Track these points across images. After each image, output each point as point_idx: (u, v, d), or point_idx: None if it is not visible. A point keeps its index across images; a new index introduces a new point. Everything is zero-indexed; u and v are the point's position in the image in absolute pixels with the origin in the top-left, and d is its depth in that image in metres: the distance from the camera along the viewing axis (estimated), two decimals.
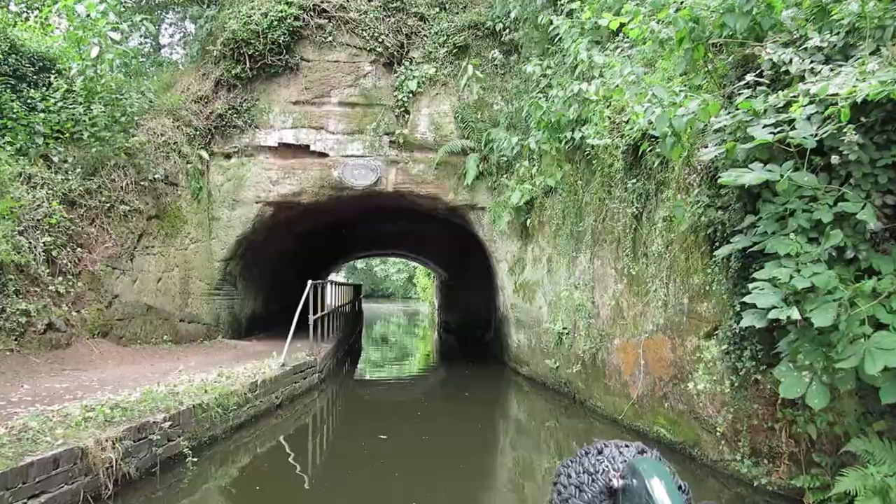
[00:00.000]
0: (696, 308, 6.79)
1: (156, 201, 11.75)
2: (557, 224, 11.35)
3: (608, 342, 9.15)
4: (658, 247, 7.65)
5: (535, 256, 12.57)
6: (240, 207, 13.66)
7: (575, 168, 10.68)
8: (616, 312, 8.91)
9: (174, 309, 12.07)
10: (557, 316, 11.24)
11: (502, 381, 14.51)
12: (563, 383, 11.16)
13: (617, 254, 8.99)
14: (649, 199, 8.01)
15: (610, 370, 9.10)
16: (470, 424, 9.74)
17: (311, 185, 13.77)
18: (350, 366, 17.64)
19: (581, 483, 1.02)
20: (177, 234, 12.24)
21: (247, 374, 9.42)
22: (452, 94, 14.07)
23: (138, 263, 11.19)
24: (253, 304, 15.90)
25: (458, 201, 14.07)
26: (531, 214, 12.53)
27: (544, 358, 11.94)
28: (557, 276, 11.44)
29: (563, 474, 1.05)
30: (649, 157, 7.78)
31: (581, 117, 9.89)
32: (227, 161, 13.74)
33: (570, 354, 10.69)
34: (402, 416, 10.32)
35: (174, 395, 7.42)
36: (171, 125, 12.70)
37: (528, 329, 13.01)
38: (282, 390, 10.06)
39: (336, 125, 13.86)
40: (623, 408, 8.69)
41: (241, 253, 14.05)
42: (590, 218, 9.96)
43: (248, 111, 13.65)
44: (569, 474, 1.04)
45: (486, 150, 13.66)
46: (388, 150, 13.93)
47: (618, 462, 1.02)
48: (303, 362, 11.25)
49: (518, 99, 13.31)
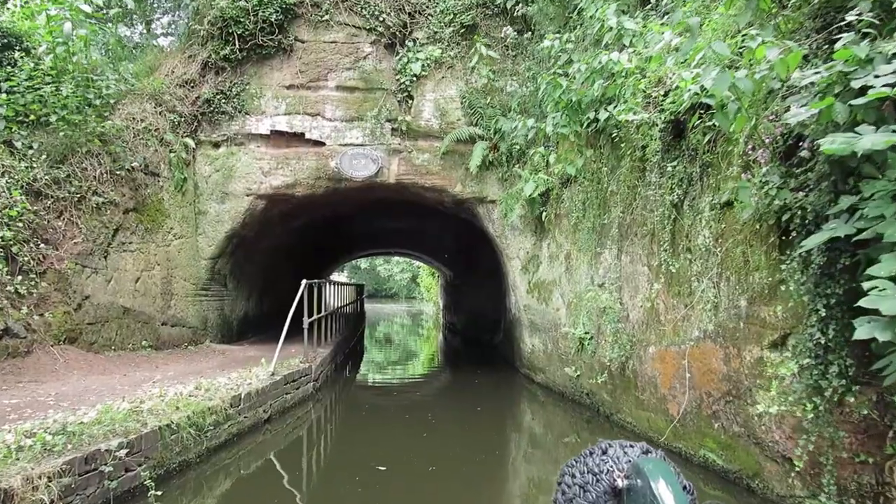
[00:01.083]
0: (758, 312, 5.66)
1: (134, 193, 10.65)
2: (577, 217, 10.23)
3: (640, 350, 8.02)
4: (705, 239, 6.53)
5: (552, 253, 11.45)
6: (229, 200, 12.56)
7: (598, 154, 9.55)
8: (650, 316, 7.78)
9: (155, 311, 10.98)
10: (578, 319, 10.12)
11: (514, 389, 13.38)
12: (584, 394, 10.04)
13: (650, 249, 7.86)
14: (692, 184, 6.88)
15: (643, 382, 7.98)
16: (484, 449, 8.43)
17: (307, 176, 12.67)
18: (351, 369, 16.54)
19: (585, 483, 1.00)
20: (158, 229, 11.14)
21: (230, 385, 8.32)
22: (459, 77, 12.95)
23: (113, 261, 10.09)
24: (245, 304, 14.80)
25: (465, 193, 12.96)
26: (547, 207, 11.42)
27: (563, 365, 10.81)
28: (577, 275, 10.32)
29: (568, 474, 1.04)
30: (693, 135, 6.65)
31: (606, 95, 8.77)
32: (214, 150, 12.64)
33: (593, 362, 9.57)
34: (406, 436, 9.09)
35: (137, 413, 6.32)
36: (152, 110, 11.61)
37: (543, 333, 11.89)
38: (271, 403, 8.96)
39: (333, 111, 12.76)
40: (660, 425, 7.56)
41: (230, 250, 12.95)
42: (616, 209, 8.84)
43: (237, 96, 12.55)
44: (573, 474, 1.03)
45: (497, 137, 12.55)
46: (390, 138, 12.82)
47: (622, 462, 1.00)
48: (295, 370, 10.14)
49: (532, 81, 12.19)
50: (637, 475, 0.95)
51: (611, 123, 8.83)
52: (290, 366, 10.37)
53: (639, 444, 1.06)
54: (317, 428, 10.01)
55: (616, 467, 1.00)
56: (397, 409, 10.57)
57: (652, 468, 0.95)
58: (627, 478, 0.97)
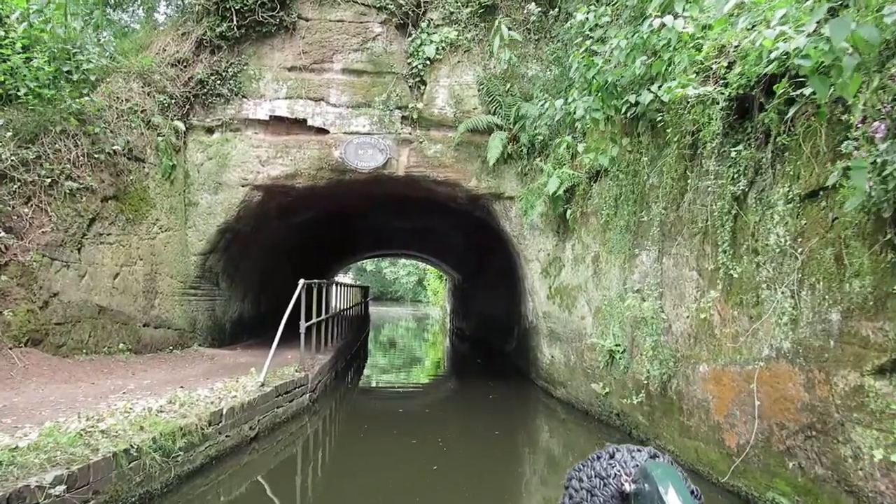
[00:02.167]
0: (858, 328, 4.52)
1: (115, 179, 9.59)
2: (608, 215, 9.11)
3: (688, 367, 6.88)
4: (779, 238, 5.40)
5: (577, 255, 10.32)
6: (223, 191, 11.49)
7: (635, 143, 8.44)
8: (701, 328, 6.64)
9: (136, 311, 9.90)
10: (607, 329, 8.99)
11: (531, 403, 12.24)
12: (614, 414, 8.90)
13: (702, 250, 6.73)
14: (761, 172, 5.75)
15: (690, 405, 6.83)
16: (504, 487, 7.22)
17: (308, 166, 11.59)
18: (353, 376, 15.44)
19: (592, 487, 1.00)
20: (141, 220, 10.08)
21: (211, 398, 7.22)
22: (477, 62, 11.87)
23: (88, 254, 9.02)
24: (240, 305, 13.72)
25: (481, 189, 11.85)
26: (571, 204, 10.30)
27: (589, 380, 9.68)
28: (607, 280, 9.20)
29: (575, 478, 1.03)
30: (767, 113, 5.52)
31: (646, 76, 7.67)
32: (208, 136, 11.58)
33: (625, 379, 8.43)
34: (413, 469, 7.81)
35: (90, 435, 5.23)
36: (139, 90, 10.56)
37: (565, 343, 10.75)
38: (259, 419, 7.85)
39: (339, 96, 11.68)
40: (711, 457, 6.42)
41: (223, 245, 11.88)
42: (657, 205, 7.71)
43: (234, 77, 11.50)
44: (580, 478, 1.02)
45: (517, 128, 11.44)
46: (400, 126, 11.73)
47: (630, 466, 0.99)
48: (289, 381, 9.05)
49: (557, 64, 11.10)
50: (645, 479, 0.94)
51: (651, 108, 7.74)
52: (283, 375, 9.28)
53: (646, 448, 1.04)
54: (313, 443, 8.92)
55: (623, 471, 0.99)
56: (403, 432, 9.36)
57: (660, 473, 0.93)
58: (635, 482, 0.95)
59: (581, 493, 1.00)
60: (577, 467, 1.05)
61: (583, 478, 1.02)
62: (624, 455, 1.02)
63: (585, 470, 1.03)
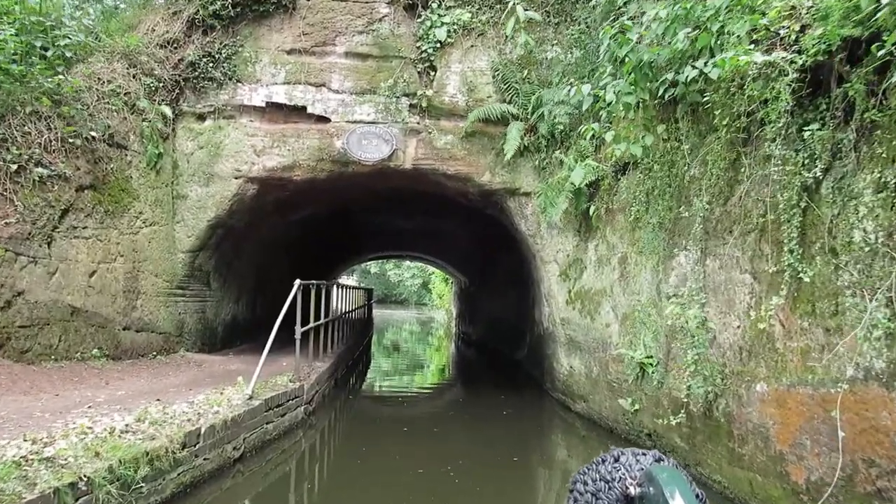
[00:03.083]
0: None
1: (92, 167, 8.69)
2: (638, 211, 8.18)
3: (740, 386, 5.93)
4: (868, 235, 4.45)
5: (601, 256, 9.38)
6: (214, 183, 10.58)
7: (672, 130, 7.50)
8: (758, 340, 5.69)
9: (115, 313, 8.99)
10: (637, 338, 8.05)
11: (545, 417, 11.29)
12: (644, 434, 7.94)
13: (758, 249, 5.79)
14: (841, 155, 4.81)
15: (743, 430, 5.87)
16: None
17: (307, 157, 10.68)
18: (355, 384, 14.50)
19: (597, 491, 0.98)
20: (122, 212, 9.17)
21: (188, 414, 6.30)
22: (492, 46, 10.95)
23: (60, 249, 8.12)
24: (234, 307, 12.80)
25: (495, 183, 10.91)
26: (595, 200, 9.38)
27: (614, 395, 8.72)
28: (636, 284, 8.26)
29: (580, 482, 1.02)
30: (854, 83, 4.58)
31: (690, 51, 6.75)
32: (199, 123, 10.68)
33: (659, 395, 7.48)
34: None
35: (30, 465, 4.31)
36: (123, 71, 9.67)
37: (586, 353, 9.80)
38: (244, 437, 6.93)
39: (341, 82, 10.78)
40: (772, 493, 5.45)
41: (215, 242, 10.97)
42: (700, 199, 6.76)
43: (228, 60, 10.60)
44: (585, 482, 1.01)
45: (535, 117, 10.51)
46: (407, 115, 10.81)
47: (634, 470, 0.98)
48: (281, 392, 8.12)
49: (580, 47, 10.17)
50: (650, 483, 0.92)
51: (693, 89, 6.81)
52: (275, 386, 8.36)
53: (651, 451, 1.03)
54: (308, 461, 8.01)
55: (628, 475, 0.97)
56: (406, 454, 8.33)
57: (664, 476, 0.92)
58: (640, 486, 0.94)
59: (586, 496, 0.99)
60: (582, 471, 1.04)
61: (587, 481, 1.00)
62: (629, 458, 1.01)
63: (590, 473, 1.02)
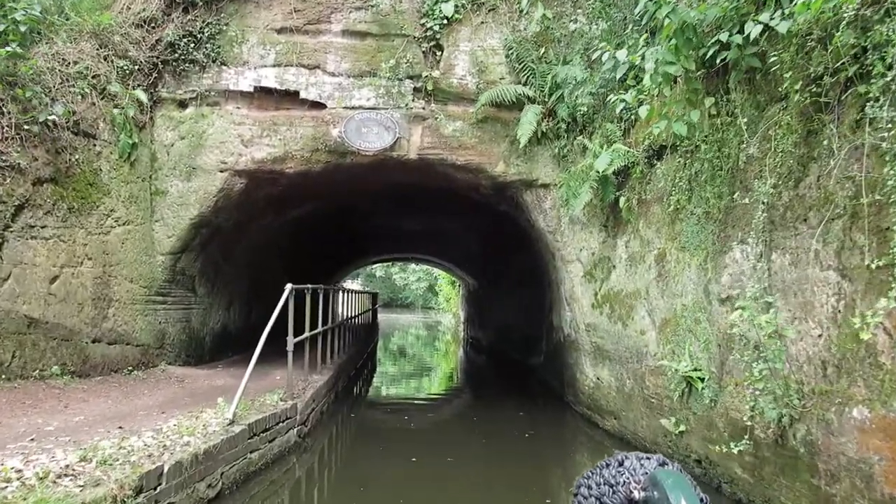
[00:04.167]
0: None
1: (53, 158, 7.62)
2: (679, 200, 7.07)
3: (828, 409, 4.79)
4: None
5: (633, 254, 8.26)
6: (197, 177, 9.50)
7: (723, 103, 6.40)
8: (851, 353, 4.56)
9: (82, 324, 7.91)
10: (682, 348, 6.93)
11: (567, 433, 10.16)
12: (693, 459, 6.80)
13: (847, 240, 4.66)
14: None
15: (833, 465, 4.73)
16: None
17: (300, 147, 9.59)
18: (358, 397, 13.36)
19: (601, 495, 0.98)
20: (90, 209, 8.11)
21: (150, 448, 5.20)
22: (504, 22, 9.86)
23: (14, 252, 7.05)
24: (224, 315, 11.71)
25: (509, 175, 9.81)
26: (625, 190, 8.27)
27: (653, 413, 7.59)
28: (678, 284, 7.13)
29: (584, 486, 1.01)
30: None
31: (746, 8, 5.66)
32: (180, 111, 9.61)
33: (712, 416, 6.35)
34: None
35: None
36: (93, 52, 8.62)
37: (616, 363, 8.67)
38: (223, 471, 5.82)
39: (338, 64, 9.70)
40: None
41: (199, 243, 9.89)
42: (762, 182, 5.64)
43: (211, 40, 9.53)
44: (589, 486, 1.00)
45: (553, 100, 9.42)
46: (412, 100, 9.72)
47: (639, 474, 0.98)
48: (270, 414, 7.01)
49: (605, 17, 9.05)
50: (654, 487, 0.92)
51: (748, 52, 5.73)
52: (262, 406, 7.26)
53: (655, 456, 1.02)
54: (305, 489, 6.91)
55: (632, 479, 0.97)
56: (419, 495, 7.07)
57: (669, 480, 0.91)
58: (644, 490, 0.94)
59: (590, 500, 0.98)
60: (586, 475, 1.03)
61: (591, 485, 1.00)
62: (633, 462, 1.00)
63: (594, 477, 1.01)
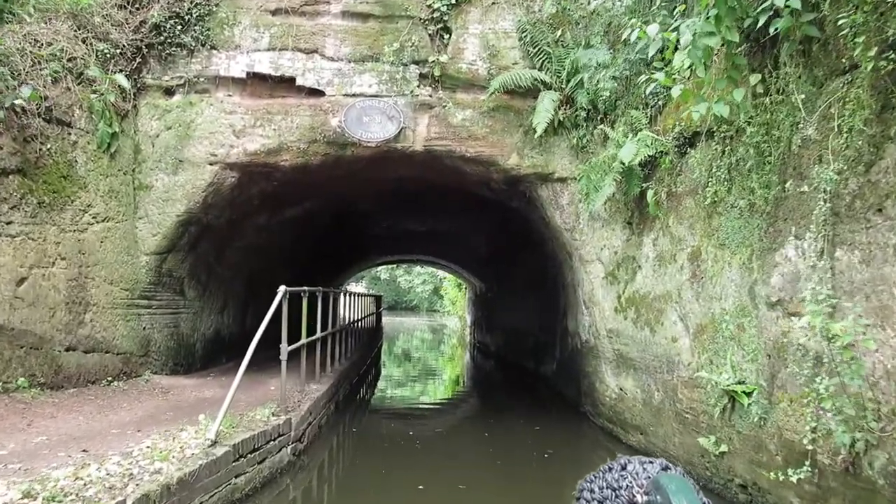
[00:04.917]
0: None
1: (21, 147, 6.89)
2: (717, 192, 6.31)
3: None
4: None
5: (661, 252, 7.48)
6: (185, 170, 8.77)
7: (771, 80, 5.63)
8: None
9: (53, 330, 7.17)
10: (722, 357, 6.15)
11: (584, 447, 9.37)
12: (737, 485, 6.00)
13: None
14: None
15: None
16: None
17: (297, 138, 8.85)
18: (360, 407, 12.58)
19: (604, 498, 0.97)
20: (63, 204, 7.37)
21: (113, 478, 4.45)
22: (517, 3, 9.14)
23: None
24: (217, 319, 10.96)
25: (523, 167, 9.05)
26: (653, 182, 7.51)
27: (688, 430, 6.80)
28: (717, 286, 6.36)
29: (587, 489, 1.01)
30: None
31: None
32: (166, 99, 8.88)
33: (761, 435, 5.56)
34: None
35: None
36: (69, 33, 7.90)
37: (643, 373, 7.89)
38: (200, 501, 5.06)
39: (337, 48, 8.96)
40: None
41: (188, 242, 9.15)
42: (824, 168, 4.87)
43: (200, 22, 8.81)
44: (592, 489, 1.00)
45: (571, 86, 8.66)
46: (417, 86, 8.97)
47: (641, 478, 0.97)
48: (259, 432, 6.24)
49: None
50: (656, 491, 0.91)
51: (805, 20, 4.97)
52: (251, 423, 6.49)
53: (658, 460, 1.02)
54: None
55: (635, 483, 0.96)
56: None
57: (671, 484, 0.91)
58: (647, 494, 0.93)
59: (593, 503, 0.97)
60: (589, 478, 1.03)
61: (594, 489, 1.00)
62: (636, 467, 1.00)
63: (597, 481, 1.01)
